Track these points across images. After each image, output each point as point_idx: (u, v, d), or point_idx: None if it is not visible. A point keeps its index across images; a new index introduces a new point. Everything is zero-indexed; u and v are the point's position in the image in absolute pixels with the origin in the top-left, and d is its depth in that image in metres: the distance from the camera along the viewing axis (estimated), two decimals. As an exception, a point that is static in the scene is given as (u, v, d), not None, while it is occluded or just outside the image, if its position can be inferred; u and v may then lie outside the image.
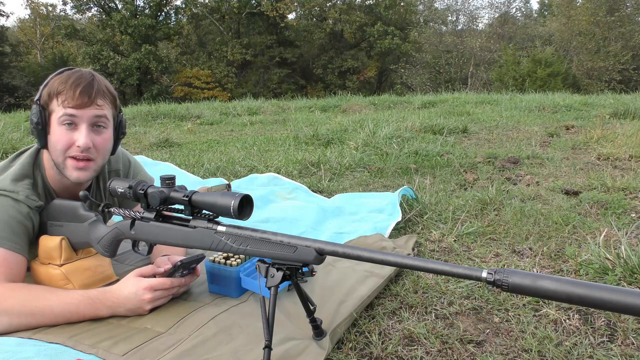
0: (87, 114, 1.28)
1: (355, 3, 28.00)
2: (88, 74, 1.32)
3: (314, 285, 1.44)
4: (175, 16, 27.38)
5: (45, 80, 1.33)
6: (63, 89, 1.27)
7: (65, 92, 1.26)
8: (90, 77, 1.31)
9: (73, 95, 1.26)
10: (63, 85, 1.27)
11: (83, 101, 1.27)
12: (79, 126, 1.28)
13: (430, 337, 1.23)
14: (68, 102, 1.26)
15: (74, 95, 1.26)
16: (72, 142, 1.28)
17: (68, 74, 1.30)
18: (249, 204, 1.08)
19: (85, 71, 1.33)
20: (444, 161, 3.43)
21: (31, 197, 1.30)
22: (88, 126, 1.29)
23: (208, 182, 2.79)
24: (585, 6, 22.38)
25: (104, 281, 1.39)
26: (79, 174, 1.31)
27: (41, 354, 1.06)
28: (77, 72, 1.31)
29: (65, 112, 1.26)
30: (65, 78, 1.28)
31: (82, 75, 1.30)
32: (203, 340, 1.14)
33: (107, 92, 1.33)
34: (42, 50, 30.79)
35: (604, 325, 1.27)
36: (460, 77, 26.39)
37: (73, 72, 1.31)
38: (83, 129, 1.28)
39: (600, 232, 1.85)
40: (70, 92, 1.26)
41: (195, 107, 8.56)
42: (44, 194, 1.38)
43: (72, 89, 1.26)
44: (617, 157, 3.41)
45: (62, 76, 1.30)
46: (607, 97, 8.78)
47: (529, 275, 0.81)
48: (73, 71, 1.32)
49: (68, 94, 1.26)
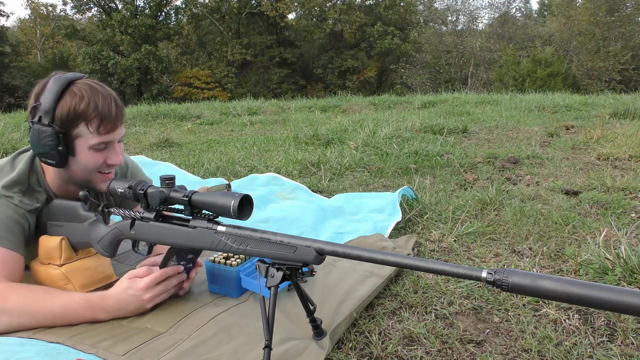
0: (117, 135, 1.29)
1: (355, 3, 28.00)
2: (103, 90, 1.26)
3: (314, 285, 1.44)
4: (175, 16, 27.41)
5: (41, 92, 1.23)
6: (95, 115, 1.22)
7: (98, 118, 1.22)
8: (109, 94, 1.27)
9: (109, 120, 1.24)
10: (93, 110, 1.22)
11: (115, 125, 1.27)
12: (112, 146, 1.30)
13: (430, 337, 1.23)
14: (103, 128, 1.24)
15: (110, 121, 1.24)
16: (103, 162, 1.30)
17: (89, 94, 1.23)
18: (249, 204, 1.08)
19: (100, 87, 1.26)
20: (444, 161, 3.43)
21: (25, 202, 1.30)
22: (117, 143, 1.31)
23: (208, 182, 2.79)
24: (585, 6, 22.39)
25: (104, 281, 1.39)
26: (105, 184, 1.32)
27: (41, 353, 1.06)
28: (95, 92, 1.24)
29: (101, 140, 1.26)
30: (92, 100, 1.22)
31: (103, 95, 1.24)
32: (203, 340, 1.15)
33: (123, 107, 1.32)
34: (42, 50, 30.80)
35: (603, 325, 1.27)
36: (460, 77, 26.39)
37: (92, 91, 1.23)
38: (116, 149, 1.30)
39: (600, 232, 1.85)
40: (105, 117, 1.23)
41: (195, 107, 8.56)
42: (44, 195, 1.38)
43: (108, 114, 1.23)
44: (617, 157, 3.41)
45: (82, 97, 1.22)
46: (607, 97, 8.78)
47: (528, 275, 0.81)
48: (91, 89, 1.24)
49: (104, 120, 1.23)
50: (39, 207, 1.34)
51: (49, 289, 1.25)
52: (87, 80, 1.29)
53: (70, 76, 1.26)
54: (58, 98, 1.22)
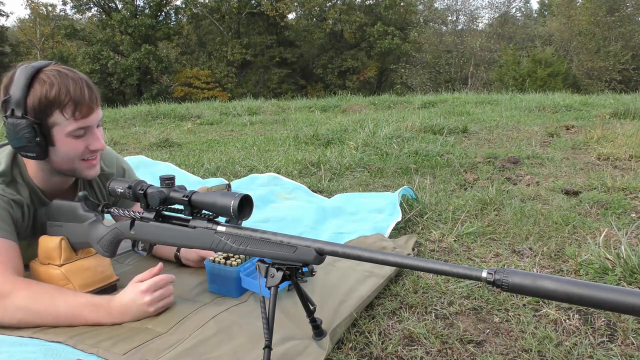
0: (94, 119, 1.25)
1: (355, 3, 28.00)
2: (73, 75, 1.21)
3: (314, 285, 1.44)
4: (175, 16, 27.40)
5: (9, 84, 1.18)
6: (68, 101, 1.18)
7: (72, 103, 1.18)
8: (80, 78, 1.22)
9: (85, 105, 1.20)
10: (65, 95, 1.17)
11: (91, 107, 1.22)
12: (91, 131, 1.26)
13: (430, 337, 1.23)
14: (78, 114, 1.20)
15: (85, 105, 1.20)
16: (85, 148, 1.26)
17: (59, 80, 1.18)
18: (249, 204, 1.08)
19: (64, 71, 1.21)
20: (444, 161, 3.43)
21: (7, 191, 1.28)
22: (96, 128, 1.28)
23: (208, 182, 2.79)
24: (585, 6, 22.39)
25: (104, 281, 1.39)
26: (93, 170, 1.33)
27: (41, 353, 1.06)
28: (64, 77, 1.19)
29: (78, 126, 1.22)
30: (63, 86, 1.18)
31: (73, 79, 1.20)
32: (203, 339, 1.15)
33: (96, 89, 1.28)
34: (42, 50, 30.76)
35: (604, 325, 1.27)
36: (460, 77, 26.39)
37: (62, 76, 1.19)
38: (95, 133, 1.26)
39: (600, 232, 1.85)
40: (80, 102, 1.19)
41: (195, 107, 8.56)
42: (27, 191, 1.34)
43: (80, 98, 1.19)
44: (617, 157, 3.41)
45: (52, 84, 1.17)
46: (607, 97, 8.77)
47: (529, 275, 0.81)
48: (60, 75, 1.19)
49: (78, 104, 1.19)
50: (22, 200, 1.31)
51: (57, 288, 1.25)
52: (55, 66, 1.23)
53: (37, 64, 1.21)
54: (27, 88, 1.17)
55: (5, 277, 1.19)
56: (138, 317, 1.22)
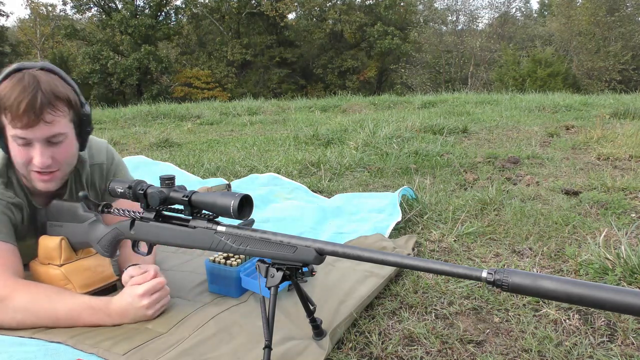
0: (37, 134, 1.17)
1: (355, 3, 28.00)
2: (31, 83, 1.14)
3: (314, 285, 1.44)
4: (175, 16, 27.40)
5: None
6: (8, 105, 1.13)
7: (10, 109, 1.13)
8: (34, 88, 1.13)
9: (17, 114, 1.13)
10: (8, 100, 1.13)
11: (29, 120, 1.13)
12: (33, 144, 1.19)
13: (430, 337, 1.23)
14: (15, 122, 1.14)
15: (19, 116, 1.13)
16: (30, 159, 1.21)
17: (11, 85, 1.14)
18: (249, 204, 1.08)
19: (28, 77, 1.15)
20: (444, 161, 3.43)
21: (6, 194, 1.29)
22: (42, 144, 1.19)
23: (208, 182, 2.79)
24: (585, 6, 22.38)
25: (104, 281, 1.39)
26: (45, 185, 1.27)
27: (41, 353, 1.06)
28: (20, 83, 1.13)
29: (15, 134, 1.17)
30: (10, 90, 1.13)
31: (24, 87, 1.13)
32: (203, 339, 1.15)
33: (56, 99, 1.17)
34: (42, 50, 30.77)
35: (604, 325, 1.27)
36: (460, 77, 26.39)
37: (17, 81, 1.14)
38: (37, 149, 1.18)
39: (600, 232, 1.85)
40: (14, 110, 1.13)
41: (195, 107, 8.56)
42: (22, 193, 1.34)
43: (16, 108, 1.12)
44: (617, 157, 3.41)
45: (7, 86, 1.14)
46: (607, 97, 8.77)
47: (529, 275, 0.81)
48: (17, 80, 1.14)
49: (13, 113, 1.13)
50: (20, 203, 1.32)
51: (56, 290, 1.24)
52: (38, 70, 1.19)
53: (27, 64, 1.19)
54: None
55: (4, 280, 1.19)
56: (137, 320, 1.22)
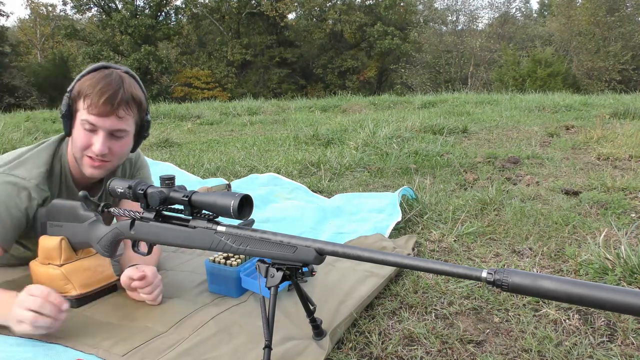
0: (106, 124, 1.29)
1: (355, 3, 27.99)
2: (117, 80, 1.29)
3: (314, 285, 1.44)
4: (175, 16, 27.38)
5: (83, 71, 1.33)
6: (89, 93, 1.26)
7: (90, 97, 1.26)
8: (118, 85, 1.29)
9: (97, 103, 1.25)
10: (91, 89, 1.26)
11: (105, 110, 1.27)
12: (98, 132, 1.30)
13: (430, 337, 1.23)
14: (91, 109, 1.26)
15: (97, 104, 1.25)
16: (89, 144, 1.31)
17: (99, 77, 1.28)
18: (249, 204, 1.08)
19: (115, 75, 1.30)
20: (444, 161, 3.43)
21: (41, 187, 1.34)
22: (106, 134, 1.30)
23: (208, 182, 2.79)
24: (585, 6, 22.37)
25: (104, 281, 1.39)
26: (92, 171, 1.35)
27: (41, 354, 1.06)
28: (107, 78, 1.28)
29: (87, 119, 1.27)
30: (95, 81, 1.27)
31: (110, 81, 1.28)
32: (203, 339, 1.15)
33: (132, 100, 1.32)
34: (42, 50, 30.79)
35: (604, 325, 1.27)
36: (460, 77, 26.38)
37: (104, 75, 1.29)
38: (101, 137, 1.30)
39: (600, 232, 1.85)
40: (95, 99, 1.25)
41: (195, 107, 8.57)
42: (59, 184, 1.41)
43: (97, 97, 1.25)
44: (617, 157, 3.41)
45: (94, 77, 1.28)
46: (607, 97, 8.78)
47: (529, 275, 0.81)
48: (104, 74, 1.29)
49: (93, 101, 1.26)
50: (47, 197, 1.36)
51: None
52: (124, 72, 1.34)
53: (111, 65, 1.34)
54: (85, 74, 1.30)
55: None
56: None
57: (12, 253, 1.53)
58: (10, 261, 1.56)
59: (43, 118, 7.80)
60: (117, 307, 1.33)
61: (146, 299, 1.32)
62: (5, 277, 1.50)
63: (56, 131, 6.16)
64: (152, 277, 1.30)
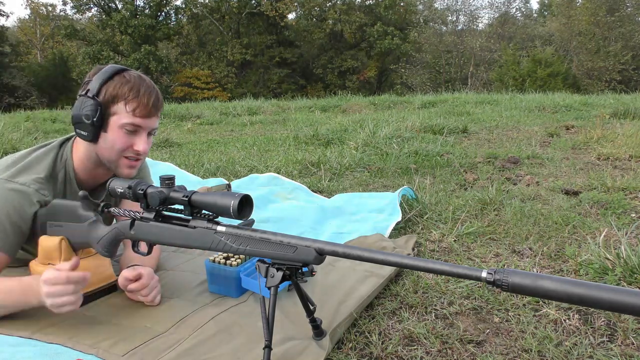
0: (149, 124, 1.34)
1: (355, 3, 27.99)
2: (152, 84, 1.35)
3: (314, 285, 1.44)
4: (175, 16, 27.39)
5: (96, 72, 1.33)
6: (134, 97, 1.29)
7: (136, 100, 1.29)
8: (154, 88, 1.35)
9: (146, 106, 1.30)
10: (134, 92, 1.29)
11: (150, 112, 1.32)
12: (140, 133, 1.33)
13: (430, 337, 1.23)
14: (139, 111, 1.30)
15: (146, 106, 1.30)
16: (130, 145, 1.33)
17: (136, 80, 1.32)
18: (249, 204, 1.08)
19: (147, 79, 1.36)
20: (444, 161, 3.43)
21: (41, 192, 1.33)
22: (146, 134, 1.35)
23: (208, 182, 2.79)
24: (585, 6, 22.38)
25: (104, 281, 1.39)
26: (130, 171, 1.38)
27: (41, 354, 1.06)
28: (144, 81, 1.34)
29: (133, 122, 1.30)
30: (136, 85, 1.31)
31: (149, 85, 1.34)
32: (203, 340, 1.15)
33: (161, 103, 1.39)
34: (42, 50, 30.78)
35: (604, 325, 1.27)
36: (460, 77, 26.38)
37: (140, 79, 1.33)
38: (144, 137, 1.34)
39: (600, 232, 1.85)
40: (143, 102, 1.30)
41: (195, 107, 8.57)
42: (63, 188, 1.41)
43: (145, 100, 1.30)
44: (617, 157, 3.41)
45: (129, 81, 1.31)
46: (607, 97, 8.78)
47: (529, 275, 0.81)
48: (139, 78, 1.34)
49: (141, 104, 1.29)
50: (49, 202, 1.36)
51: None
52: (139, 72, 1.38)
53: (122, 67, 1.36)
54: (108, 78, 1.31)
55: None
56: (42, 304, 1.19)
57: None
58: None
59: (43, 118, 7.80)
60: (117, 307, 1.33)
61: (143, 300, 1.32)
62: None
63: (56, 131, 6.16)
64: (147, 279, 1.31)
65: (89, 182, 1.45)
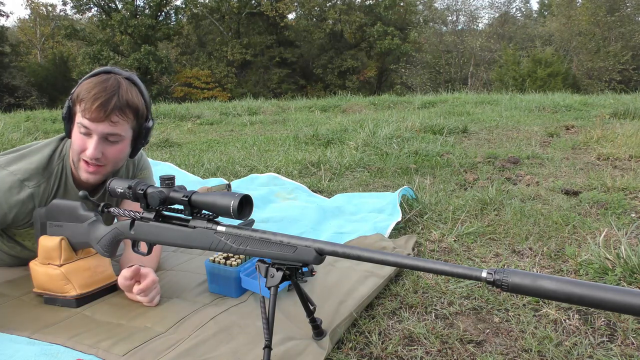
0: (99, 129, 1.30)
1: (355, 3, 27.99)
2: (113, 86, 1.30)
3: (314, 285, 1.44)
4: (175, 16, 27.37)
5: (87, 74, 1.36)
6: (84, 98, 1.28)
7: (85, 102, 1.28)
8: (113, 91, 1.29)
9: (90, 108, 1.27)
10: (87, 93, 1.28)
11: (98, 116, 1.28)
12: (92, 137, 1.31)
13: (430, 337, 1.23)
14: (85, 113, 1.28)
15: (90, 109, 1.27)
16: (85, 148, 1.32)
17: (96, 81, 1.30)
18: (249, 204, 1.08)
19: (113, 81, 1.31)
20: (444, 161, 3.43)
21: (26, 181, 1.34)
22: (100, 138, 1.31)
23: (208, 182, 2.79)
24: (585, 6, 22.39)
25: (104, 281, 1.39)
26: (87, 176, 1.36)
27: (41, 354, 1.06)
28: (104, 83, 1.30)
29: (82, 122, 1.30)
30: (92, 86, 1.29)
31: (106, 87, 1.29)
32: (203, 340, 1.15)
33: (127, 107, 1.32)
34: (42, 50, 30.77)
35: (604, 325, 1.27)
36: (460, 77, 26.39)
37: (101, 80, 1.30)
38: (94, 141, 1.31)
39: (600, 232, 1.85)
40: (88, 104, 1.27)
41: (195, 107, 8.56)
42: (57, 182, 1.41)
43: (91, 102, 1.27)
44: (617, 157, 3.41)
45: (91, 82, 1.30)
46: (607, 97, 8.77)
47: (528, 275, 0.81)
48: (102, 80, 1.31)
49: (86, 105, 1.28)
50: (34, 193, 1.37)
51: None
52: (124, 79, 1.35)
53: (115, 70, 1.36)
54: (87, 78, 1.33)
55: None
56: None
57: (11, 253, 1.53)
58: (10, 261, 1.56)
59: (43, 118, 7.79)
60: (117, 307, 1.33)
61: (142, 301, 1.32)
62: (5, 277, 1.51)
63: (56, 131, 6.16)
64: (148, 282, 1.30)
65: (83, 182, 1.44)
